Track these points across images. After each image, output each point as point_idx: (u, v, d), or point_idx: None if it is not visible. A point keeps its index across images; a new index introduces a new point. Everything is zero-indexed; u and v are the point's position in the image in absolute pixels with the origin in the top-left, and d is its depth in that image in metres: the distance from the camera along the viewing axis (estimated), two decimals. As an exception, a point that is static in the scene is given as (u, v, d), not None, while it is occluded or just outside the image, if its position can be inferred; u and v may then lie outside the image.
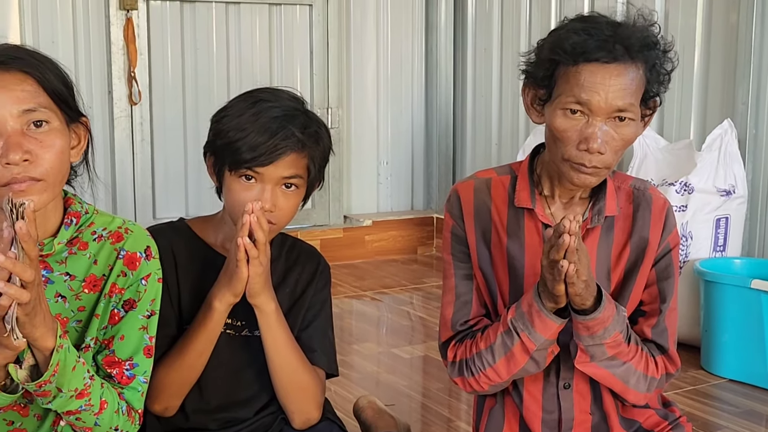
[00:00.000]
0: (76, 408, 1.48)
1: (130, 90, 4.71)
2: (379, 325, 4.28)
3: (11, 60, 1.45)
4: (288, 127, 1.73)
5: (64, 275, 1.54)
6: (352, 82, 5.46)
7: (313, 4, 5.17)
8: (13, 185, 1.40)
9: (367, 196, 5.62)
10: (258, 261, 1.69)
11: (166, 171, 4.92)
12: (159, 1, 4.80)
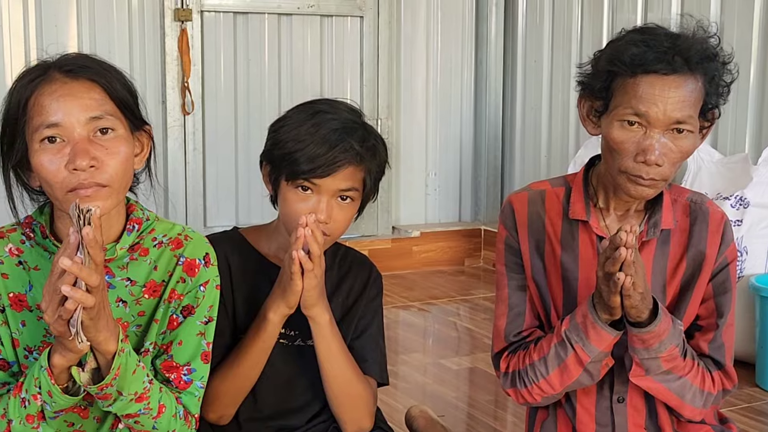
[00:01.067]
0: (135, 411, 1.51)
1: (183, 100, 4.78)
2: (427, 335, 4.28)
3: (80, 69, 1.49)
4: (347, 140, 1.74)
5: (125, 280, 1.57)
6: (401, 93, 5.48)
7: (364, 16, 5.20)
8: (79, 191, 1.43)
9: (415, 207, 5.63)
10: (313, 274, 1.69)
11: (217, 180, 4.98)
12: (213, 13, 4.87)
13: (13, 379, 1.55)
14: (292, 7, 5.02)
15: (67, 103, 1.45)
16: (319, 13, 5.10)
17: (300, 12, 5.05)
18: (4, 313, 1.55)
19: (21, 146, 1.48)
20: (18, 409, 1.47)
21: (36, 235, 1.56)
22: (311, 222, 1.67)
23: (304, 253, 1.67)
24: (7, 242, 1.56)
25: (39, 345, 1.55)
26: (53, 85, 1.47)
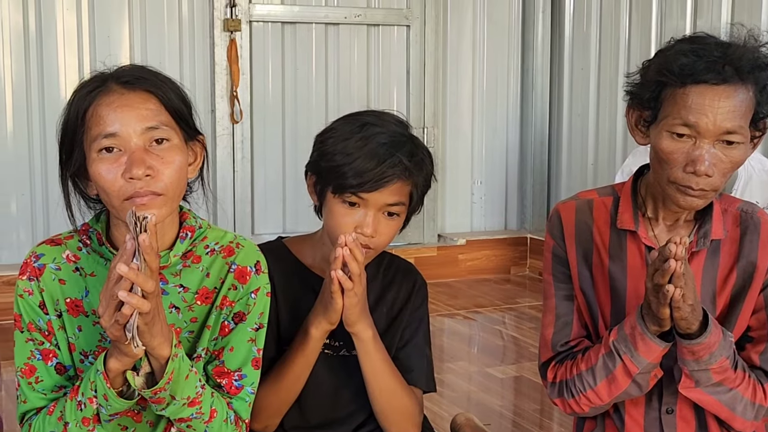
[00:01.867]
0: (187, 416, 1.53)
1: (232, 109, 4.84)
2: (472, 344, 4.28)
3: (136, 80, 1.52)
4: (396, 155, 1.72)
5: (178, 287, 1.60)
6: (447, 102, 5.49)
7: (410, 25, 5.22)
8: (135, 199, 1.46)
9: (461, 216, 5.63)
10: (353, 292, 1.69)
11: (265, 188, 5.03)
12: (261, 23, 4.93)
13: (70, 382, 1.59)
14: (339, 16, 5.07)
15: (124, 113, 1.49)
16: (366, 22, 5.14)
17: (347, 22, 5.09)
18: (62, 318, 1.59)
19: (79, 156, 1.52)
20: (74, 412, 1.50)
21: (92, 242, 1.60)
22: (350, 242, 1.66)
23: (343, 273, 1.67)
24: (65, 249, 1.60)
25: (95, 349, 1.59)
26: (111, 96, 1.50)
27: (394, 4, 5.23)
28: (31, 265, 1.58)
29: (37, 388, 1.58)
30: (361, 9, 5.12)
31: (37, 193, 4.57)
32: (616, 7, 5.13)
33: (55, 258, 1.59)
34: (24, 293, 1.58)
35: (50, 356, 1.58)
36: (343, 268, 1.67)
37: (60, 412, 1.53)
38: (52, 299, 1.58)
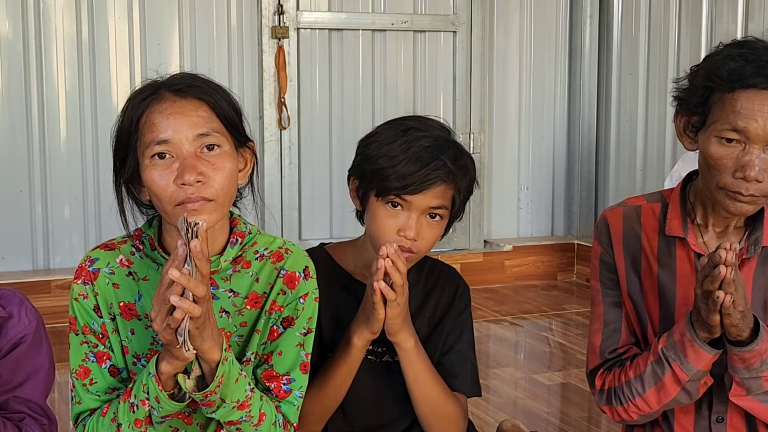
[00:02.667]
0: (237, 419, 1.55)
1: (279, 115, 4.88)
2: (518, 350, 4.26)
3: (188, 88, 1.55)
4: (440, 158, 1.74)
5: (228, 292, 1.62)
6: (494, 107, 5.48)
7: (457, 31, 5.23)
8: (186, 204, 1.49)
9: (507, 221, 5.62)
10: (396, 303, 1.69)
11: (312, 194, 5.07)
12: (309, 30, 4.97)
13: (123, 384, 1.62)
14: (386, 23, 5.09)
15: (177, 120, 1.52)
16: (412, 28, 5.15)
17: (394, 28, 5.11)
18: (115, 321, 1.62)
19: (132, 162, 1.55)
20: (127, 413, 1.53)
21: (145, 247, 1.63)
22: (392, 253, 1.67)
23: (386, 284, 1.67)
24: (118, 254, 1.63)
25: (147, 352, 1.62)
26: (163, 104, 1.53)
27: (440, 11, 5.24)
28: (86, 270, 1.62)
29: (91, 390, 1.62)
30: (407, 15, 5.14)
31: (89, 198, 4.65)
32: (666, 11, 5.08)
33: (109, 262, 1.62)
34: (79, 297, 1.61)
35: (104, 358, 1.62)
36: (384, 277, 1.68)
37: (113, 413, 1.56)
38: (106, 303, 1.61)
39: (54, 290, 4.36)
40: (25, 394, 1.67)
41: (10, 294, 1.71)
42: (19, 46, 4.48)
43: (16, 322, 1.68)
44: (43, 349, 1.72)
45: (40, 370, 1.70)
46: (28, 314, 1.71)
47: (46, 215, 4.60)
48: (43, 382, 1.71)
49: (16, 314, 1.68)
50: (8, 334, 1.66)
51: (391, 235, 1.75)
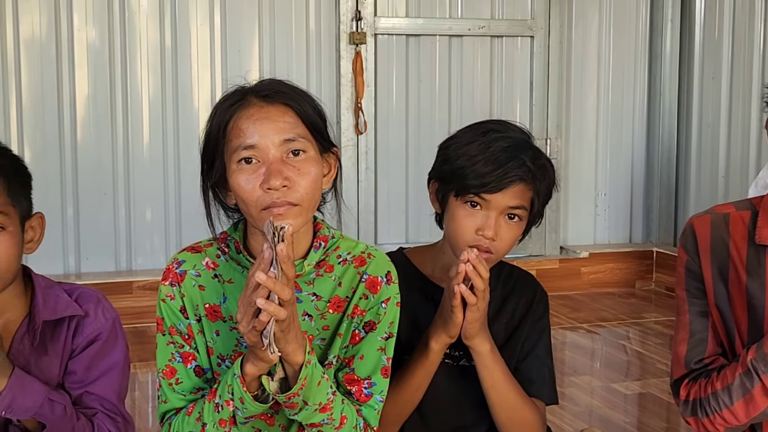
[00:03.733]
0: (318, 421, 1.57)
1: (356, 120, 4.91)
2: (595, 358, 4.21)
3: (275, 94, 1.57)
4: (519, 157, 1.74)
5: (311, 295, 1.64)
6: (571, 113, 5.42)
7: (534, 36, 5.19)
8: (272, 209, 1.51)
9: (583, 228, 5.55)
10: (476, 307, 1.70)
11: (388, 199, 5.09)
12: (386, 36, 4.99)
13: (208, 384, 1.65)
14: (463, 28, 5.08)
15: (263, 126, 1.54)
16: (489, 34, 5.14)
17: (471, 33, 5.10)
18: (201, 322, 1.65)
19: (220, 166, 1.58)
20: (212, 413, 1.56)
21: (230, 250, 1.66)
22: (473, 258, 1.67)
23: (466, 287, 1.68)
24: (204, 256, 1.66)
25: (231, 354, 1.65)
26: (250, 110, 1.56)
27: (518, 15, 5.21)
28: (173, 271, 1.65)
29: (177, 389, 1.65)
30: (485, 20, 5.12)
31: (170, 201, 4.75)
32: (750, 13, 4.96)
33: (196, 265, 1.65)
34: (166, 298, 1.65)
35: (190, 359, 1.65)
36: (464, 281, 1.68)
37: (198, 413, 1.59)
38: (192, 304, 1.64)
39: (136, 291, 4.46)
40: (98, 391, 1.71)
41: (88, 293, 1.76)
42: (105, 53, 4.60)
43: (92, 320, 1.72)
44: (119, 347, 1.75)
45: (114, 368, 1.74)
46: (105, 313, 1.75)
47: (129, 217, 4.71)
48: (117, 380, 1.74)
49: (92, 312, 1.73)
50: (84, 332, 1.71)
51: (469, 234, 1.75)
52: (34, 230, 1.72)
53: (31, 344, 1.67)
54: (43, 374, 1.66)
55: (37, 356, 1.68)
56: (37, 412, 1.59)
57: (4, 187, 1.62)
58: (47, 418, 1.59)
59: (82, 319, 1.71)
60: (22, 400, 1.57)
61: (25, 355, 1.67)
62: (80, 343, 1.71)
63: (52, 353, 1.70)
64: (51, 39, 4.52)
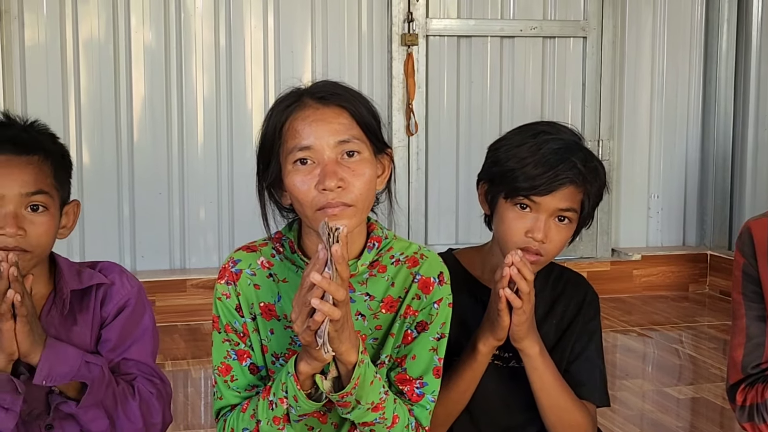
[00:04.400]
0: (371, 420, 1.58)
1: (407, 121, 4.92)
2: (647, 361, 4.17)
3: (330, 96, 1.59)
4: (570, 159, 1.74)
5: (364, 295, 1.65)
6: (624, 114, 5.37)
7: (587, 36, 5.16)
8: (327, 209, 1.53)
9: (636, 230, 5.49)
10: (521, 310, 1.69)
11: (439, 199, 5.09)
12: (438, 37, 4.99)
13: (262, 382, 1.67)
14: (514, 29, 5.07)
15: (319, 127, 1.56)
16: (541, 35, 5.11)
17: (522, 34, 5.08)
18: (256, 321, 1.67)
19: (275, 167, 1.60)
20: (266, 410, 1.58)
21: (285, 249, 1.68)
22: (517, 261, 1.67)
23: (511, 291, 1.67)
24: (260, 255, 1.69)
25: (285, 352, 1.67)
26: (306, 111, 1.58)
27: (570, 16, 5.17)
28: (229, 270, 1.68)
29: (232, 387, 1.67)
30: (537, 21, 5.10)
31: (223, 201, 4.81)
32: (809, 14, 4.88)
33: (251, 264, 1.68)
34: (222, 296, 1.67)
35: (244, 357, 1.67)
36: (510, 285, 1.68)
37: (253, 410, 1.61)
38: (248, 303, 1.67)
39: (189, 289, 4.52)
40: (133, 356, 1.75)
41: (111, 265, 1.81)
42: (161, 54, 4.67)
43: (119, 288, 1.76)
44: (147, 312, 1.80)
45: (145, 332, 1.78)
46: (129, 280, 1.79)
47: (183, 217, 4.78)
48: (150, 344, 1.79)
49: (118, 281, 1.77)
50: (113, 300, 1.75)
51: (519, 236, 1.75)
52: (68, 216, 1.75)
53: (60, 314, 1.71)
54: (75, 345, 1.69)
55: (67, 328, 1.71)
56: (76, 375, 1.62)
57: (51, 171, 1.67)
58: (86, 378, 1.62)
59: (108, 287, 1.75)
60: (59, 367, 1.60)
61: (55, 326, 1.70)
62: (110, 311, 1.74)
63: (82, 323, 1.73)
64: (109, 40, 4.60)
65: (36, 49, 4.51)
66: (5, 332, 1.54)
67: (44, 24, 4.51)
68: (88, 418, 1.65)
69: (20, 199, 1.62)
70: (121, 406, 1.67)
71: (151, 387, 1.73)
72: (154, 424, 1.71)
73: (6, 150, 1.63)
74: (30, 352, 1.58)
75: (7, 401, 1.59)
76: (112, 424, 1.67)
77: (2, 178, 1.61)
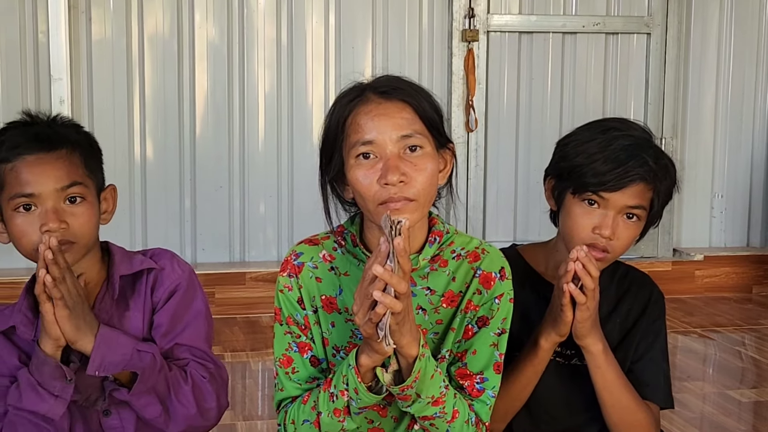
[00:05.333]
0: (431, 414, 1.59)
1: (467, 118, 4.91)
2: (708, 363, 4.10)
3: (393, 90, 1.59)
4: (641, 156, 1.72)
5: (425, 289, 1.66)
6: (688, 112, 5.29)
7: (651, 33, 5.08)
8: (389, 204, 1.53)
9: (698, 230, 5.40)
10: (585, 306, 1.68)
11: (497, 197, 5.06)
12: (499, 33, 4.97)
13: (323, 374, 1.69)
14: (577, 25, 5.02)
15: (381, 122, 1.56)
16: (604, 30, 5.05)
17: (585, 30, 5.03)
18: (317, 313, 1.69)
19: (338, 161, 1.61)
20: (327, 402, 1.59)
21: (347, 243, 1.69)
22: (582, 256, 1.66)
23: (575, 287, 1.66)
24: (321, 249, 1.70)
25: (346, 345, 1.68)
26: (369, 106, 1.58)
27: (634, 12, 5.10)
28: (291, 263, 1.69)
29: (293, 378, 1.69)
30: (600, 17, 5.04)
31: (283, 195, 4.85)
32: None
33: (313, 257, 1.69)
34: (284, 289, 1.69)
35: (306, 349, 1.69)
36: (574, 280, 1.67)
37: (313, 402, 1.62)
38: (309, 296, 1.68)
39: (248, 282, 4.57)
40: (186, 340, 1.74)
41: (161, 251, 1.82)
42: (224, 50, 4.73)
43: (170, 272, 1.77)
44: (198, 296, 1.79)
45: (198, 316, 1.77)
46: (180, 265, 1.79)
47: (243, 211, 4.83)
48: (204, 328, 1.78)
49: (168, 266, 1.78)
50: (164, 284, 1.75)
51: (586, 233, 1.74)
52: (107, 201, 1.77)
53: (112, 299, 1.72)
54: (128, 331, 1.70)
55: (119, 313, 1.73)
56: (128, 364, 1.63)
57: (81, 161, 1.69)
58: (137, 367, 1.63)
59: (159, 272, 1.76)
60: (111, 356, 1.61)
61: (108, 312, 1.71)
62: (161, 296, 1.75)
63: (134, 308, 1.74)
64: (173, 36, 4.67)
65: (102, 43, 4.60)
66: (45, 315, 1.56)
67: (111, 19, 4.59)
68: (141, 405, 1.67)
69: (57, 194, 1.64)
70: (174, 392, 1.68)
71: (204, 372, 1.73)
72: (208, 408, 1.71)
73: (33, 148, 1.64)
74: (77, 339, 1.59)
75: (57, 388, 1.61)
76: (165, 410, 1.68)
77: (36, 177, 1.63)
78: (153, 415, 1.67)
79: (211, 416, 1.73)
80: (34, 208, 1.63)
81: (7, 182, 1.64)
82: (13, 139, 1.66)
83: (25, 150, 1.64)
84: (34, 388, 1.61)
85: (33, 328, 1.68)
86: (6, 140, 1.66)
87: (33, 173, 1.63)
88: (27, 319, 1.68)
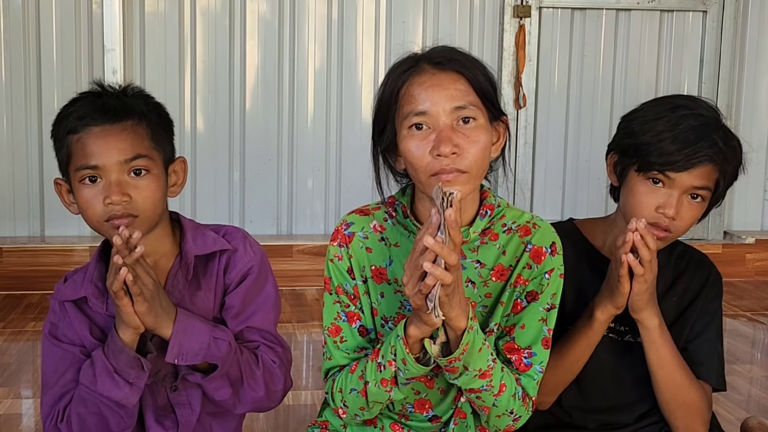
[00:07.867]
0: (478, 387, 1.58)
1: (516, 94, 4.87)
2: (757, 347, 4.04)
3: (447, 61, 1.58)
4: (711, 136, 1.70)
5: (475, 263, 1.65)
6: (743, 92, 5.19)
7: (707, 10, 4.99)
8: (441, 175, 1.53)
9: (750, 212, 5.32)
10: (643, 278, 1.67)
11: (545, 174, 5.03)
12: (551, 9, 4.91)
13: (371, 344, 1.70)
14: (631, 2, 4.94)
15: (435, 93, 1.55)
16: (659, 8, 4.97)
17: (640, 7, 4.96)
18: (366, 283, 1.69)
19: (390, 132, 1.61)
20: (374, 372, 1.60)
21: (398, 214, 1.68)
22: (641, 227, 1.64)
23: (634, 258, 1.65)
24: (372, 219, 1.70)
25: (395, 315, 1.68)
26: (423, 76, 1.57)
27: (690, -11, 5.02)
28: (342, 233, 1.70)
29: (342, 347, 1.70)
30: (655, -6, 4.97)
31: (331, 170, 4.86)
32: None
33: (363, 227, 1.69)
34: (334, 258, 1.69)
35: (354, 319, 1.69)
36: (632, 252, 1.66)
37: (361, 371, 1.63)
38: (359, 265, 1.68)
39: (295, 255, 4.60)
40: (257, 323, 1.74)
41: (234, 230, 1.79)
42: (275, 24, 4.74)
43: (243, 255, 1.75)
44: (269, 280, 1.78)
45: (268, 299, 1.76)
46: (253, 247, 1.77)
47: (291, 184, 4.86)
48: (273, 311, 1.77)
49: (241, 248, 1.75)
50: (236, 266, 1.74)
51: (648, 211, 1.72)
52: (177, 174, 1.74)
53: (185, 279, 1.72)
54: (199, 310, 1.70)
55: (191, 292, 1.72)
56: (206, 354, 1.63)
57: (147, 133, 1.66)
58: (215, 357, 1.63)
59: (232, 254, 1.74)
60: (189, 344, 1.61)
61: (180, 290, 1.71)
62: (234, 278, 1.74)
63: (206, 288, 1.73)
64: (225, 11, 4.69)
65: (155, 17, 4.64)
66: (123, 308, 1.55)
67: (164, -8, 4.63)
68: (213, 387, 1.67)
69: (120, 167, 1.62)
70: (246, 377, 1.68)
71: (274, 355, 1.72)
72: (275, 391, 1.72)
73: (98, 120, 1.63)
74: (156, 326, 1.60)
75: (132, 376, 1.61)
76: (235, 393, 1.68)
77: (99, 149, 1.61)
78: (223, 397, 1.68)
79: (277, 398, 1.75)
80: (99, 180, 1.62)
81: (74, 153, 1.64)
82: (81, 109, 1.65)
83: (92, 121, 1.63)
84: (110, 374, 1.61)
85: (104, 300, 1.69)
86: (74, 111, 1.66)
87: (97, 145, 1.62)
88: (98, 291, 1.69)
